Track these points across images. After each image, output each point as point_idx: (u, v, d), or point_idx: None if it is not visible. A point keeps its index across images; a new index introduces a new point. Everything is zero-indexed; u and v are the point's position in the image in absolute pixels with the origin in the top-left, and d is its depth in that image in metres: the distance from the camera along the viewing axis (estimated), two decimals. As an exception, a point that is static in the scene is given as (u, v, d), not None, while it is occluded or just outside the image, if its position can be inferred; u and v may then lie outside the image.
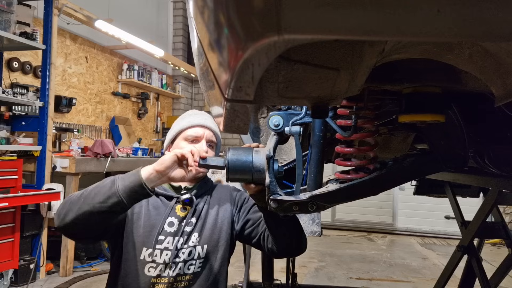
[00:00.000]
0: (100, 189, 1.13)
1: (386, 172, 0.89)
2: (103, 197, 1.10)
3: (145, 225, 1.32)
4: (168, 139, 1.45)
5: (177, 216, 1.36)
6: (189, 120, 1.41)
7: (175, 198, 1.38)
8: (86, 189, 1.17)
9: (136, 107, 6.43)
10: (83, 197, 1.13)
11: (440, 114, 0.74)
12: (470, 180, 1.54)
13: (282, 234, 1.27)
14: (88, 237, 1.27)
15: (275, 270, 2.43)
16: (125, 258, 1.30)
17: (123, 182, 1.11)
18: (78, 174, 3.88)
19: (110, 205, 1.10)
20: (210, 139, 1.40)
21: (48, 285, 3.57)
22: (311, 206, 0.94)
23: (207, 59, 0.50)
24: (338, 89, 0.56)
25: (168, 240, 1.32)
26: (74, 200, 1.14)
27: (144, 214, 1.34)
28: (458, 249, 2.27)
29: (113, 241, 1.35)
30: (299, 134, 1.01)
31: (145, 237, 1.31)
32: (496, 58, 0.55)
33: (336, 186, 0.92)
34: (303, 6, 0.29)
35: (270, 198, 0.97)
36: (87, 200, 1.12)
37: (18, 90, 3.92)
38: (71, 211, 1.12)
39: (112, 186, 1.11)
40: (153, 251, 1.29)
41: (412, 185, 2.64)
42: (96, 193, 1.12)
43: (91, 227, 1.17)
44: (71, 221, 1.12)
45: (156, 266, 1.29)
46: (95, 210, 1.10)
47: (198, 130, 1.39)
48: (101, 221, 1.15)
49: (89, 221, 1.13)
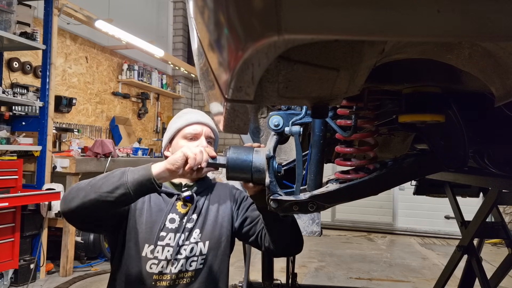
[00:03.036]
0: (109, 178, 1.15)
1: (386, 172, 0.89)
2: (111, 187, 1.12)
3: (147, 222, 1.33)
4: (166, 138, 1.45)
5: (178, 213, 1.37)
6: (186, 118, 1.41)
7: (175, 195, 1.39)
8: (95, 178, 1.19)
9: (136, 107, 6.43)
10: (91, 185, 1.15)
11: (440, 114, 0.74)
12: (470, 180, 1.54)
13: (279, 233, 1.29)
14: (89, 225, 1.29)
15: (275, 270, 2.42)
16: (127, 255, 1.31)
17: (132, 175, 1.13)
18: (78, 174, 3.88)
19: (117, 196, 1.12)
20: (209, 135, 1.41)
21: (48, 285, 3.57)
22: (311, 206, 0.94)
23: (207, 59, 0.50)
24: (338, 89, 0.56)
25: (170, 236, 1.33)
26: (82, 187, 1.17)
27: (146, 210, 1.35)
28: (458, 249, 2.27)
29: (114, 237, 1.35)
30: (299, 134, 1.01)
31: (147, 233, 1.32)
32: (496, 58, 0.55)
33: (336, 186, 0.92)
34: (303, 6, 0.29)
35: (270, 198, 0.97)
36: (95, 188, 1.14)
37: (18, 90, 3.93)
38: (78, 197, 1.14)
39: (121, 177, 1.13)
40: (155, 248, 1.30)
41: (412, 185, 2.64)
42: (104, 182, 1.14)
43: (94, 214, 1.19)
44: (76, 207, 1.14)
45: (158, 263, 1.30)
46: (101, 199, 1.12)
47: (197, 127, 1.39)
48: (105, 210, 1.17)
49: (94, 209, 1.15)
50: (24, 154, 3.72)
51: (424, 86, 0.74)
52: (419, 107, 0.75)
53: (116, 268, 1.34)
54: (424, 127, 0.83)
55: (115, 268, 1.35)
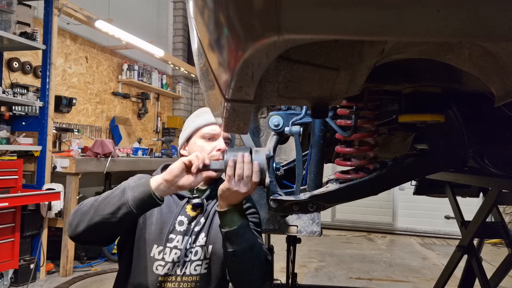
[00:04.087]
0: (110, 199, 1.15)
1: (386, 172, 0.89)
2: (113, 208, 1.13)
3: (156, 222, 1.34)
4: (183, 137, 1.43)
5: (187, 215, 1.37)
6: (205, 118, 1.39)
7: (186, 198, 1.39)
8: (97, 199, 1.19)
9: (136, 107, 6.43)
10: (94, 208, 1.16)
11: (440, 114, 0.74)
12: (470, 180, 1.54)
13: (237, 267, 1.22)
14: (100, 242, 1.30)
15: (275, 270, 2.42)
16: (136, 255, 1.32)
17: (132, 193, 1.13)
18: (78, 174, 3.88)
19: (120, 216, 1.12)
20: (227, 136, 1.40)
21: (48, 285, 3.57)
22: (311, 206, 0.95)
23: (207, 59, 0.50)
24: (338, 89, 0.56)
25: (178, 239, 1.33)
26: (85, 211, 1.17)
27: (156, 211, 1.35)
28: (458, 249, 2.27)
29: (123, 237, 1.37)
30: (299, 134, 1.01)
31: (156, 234, 1.32)
32: (496, 58, 0.55)
33: (336, 186, 0.92)
34: (303, 6, 0.29)
35: (270, 198, 0.97)
36: (98, 211, 1.14)
37: (18, 90, 3.92)
38: (83, 221, 1.15)
39: (122, 196, 1.13)
40: (164, 249, 1.31)
41: (412, 185, 2.64)
42: (106, 204, 1.14)
43: (103, 235, 1.21)
44: (83, 231, 1.16)
45: (164, 265, 1.30)
46: (105, 221, 1.13)
47: (216, 128, 1.37)
48: (113, 230, 1.19)
49: (101, 231, 1.17)
50: (24, 154, 3.72)
51: (424, 86, 0.74)
52: (419, 107, 0.75)
53: (124, 267, 1.34)
54: (424, 127, 0.83)
55: (122, 267, 1.35)
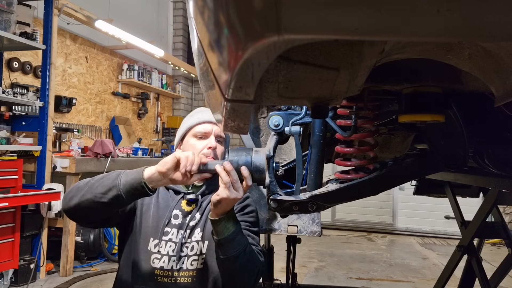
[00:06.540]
0: (104, 180, 1.19)
1: (386, 172, 0.89)
2: (104, 188, 1.16)
3: (153, 216, 1.37)
4: (178, 137, 1.47)
5: (182, 210, 1.39)
6: (198, 117, 1.43)
7: (182, 193, 1.42)
8: (93, 178, 1.23)
9: (136, 107, 6.43)
10: (88, 185, 1.20)
11: (440, 114, 0.74)
12: (470, 180, 1.54)
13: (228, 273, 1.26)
14: (90, 222, 1.33)
15: (275, 270, 2.42)
16: (134, 249, 1.35)
17: (125, 178, 1.16)
18: (78, 174, 3.88)
19: (109, 197, 1.15)
20: (219, 134, 1.41)
21: (48, 285, 3.57)
22: (311, 206, 0.95)
23: (207, 59, 0.50)
24: (338, 89, 0.56)
25: (173, 232, 1.36)
26: (80, 187, 1.21)
27: (154, 205, 1.39)
28: (458, 249, 2.27)
29: (123, 231, 1.40)
30: (299, 134, 1.01)
31: (153, 227, 1.36)
32: (496, 58, 0.55)
33: (336, 186, 0.92)
34: (303, 6, 0.29)
35: (270, 198, 0.97)
36: (91, 189, 1.18)
37: (18, 90, 3.92)
38: (76, 196, 1.19)
39: (115, 179, 1.17)
40: (159, 242, 1.34)
41: (412, 185, 2.64)
42: (100, 184, 1.18)
43: (92, 213, 1.23)
44: (74, 206, 1.19)
45: (160, 258, 1.33)
46: (95, 199, 1.16)
47: (207, 126, 1.40)
48: (100, 211, 1.21)
49: (89, 209, 1.19)
50: (24, 154, 3.72)
51: (424, 86, 0.74)
52: (419, 107, 0.75)
53: (123, 261, 1.37)
54: (424, 127, 0.83)
55: (122, 261, 1.38)
